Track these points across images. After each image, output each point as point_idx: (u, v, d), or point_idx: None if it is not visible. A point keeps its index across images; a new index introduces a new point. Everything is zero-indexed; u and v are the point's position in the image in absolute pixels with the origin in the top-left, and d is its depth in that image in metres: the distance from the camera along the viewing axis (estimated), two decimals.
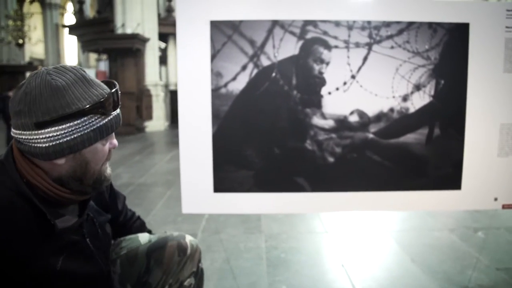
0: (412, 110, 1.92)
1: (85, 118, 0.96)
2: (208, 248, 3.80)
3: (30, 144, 0.96)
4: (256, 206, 1.96)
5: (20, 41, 21.56)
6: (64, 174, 1.01)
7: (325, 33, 1.87)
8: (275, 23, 1.86)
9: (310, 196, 1.95)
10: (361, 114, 1.91)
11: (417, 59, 1.91)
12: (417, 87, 1.92)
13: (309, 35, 1.87)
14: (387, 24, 1.89)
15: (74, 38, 19.28)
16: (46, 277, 0.99)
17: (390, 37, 1.89)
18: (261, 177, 1.94)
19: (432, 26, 1.90)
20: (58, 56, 30.23)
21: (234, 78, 1.89)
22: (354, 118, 1.91)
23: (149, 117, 13.54)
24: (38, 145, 0.95)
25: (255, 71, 1.88)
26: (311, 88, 1.89)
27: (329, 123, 1.91)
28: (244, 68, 1.88)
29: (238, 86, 1.89)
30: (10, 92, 10.69)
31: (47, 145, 0.95)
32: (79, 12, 17.36)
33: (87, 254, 1.12)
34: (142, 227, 1.62)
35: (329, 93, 1.89)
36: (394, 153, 1.93)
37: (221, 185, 1.94)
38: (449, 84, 1.93)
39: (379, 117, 1.91)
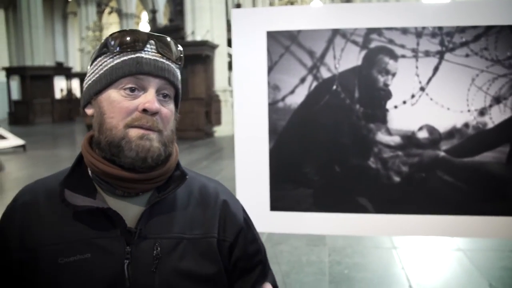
0: (490, 125, 1.72)
1: (99, 59, 0.90)
2: (269, 260, 3.73)
3: None
4: (314, 226, 1.85)
5: None
6: (94, 133, 0.89)
7: (390, 41, 1.73)
8: (335, 32, 1.75)
9: (373, 218, 1.80)
10: (431, 130, 1.74)
11: (497, 68, 1.70)
12: (497, 100, 1.71)
13: (373, 44, 1.74)
14: (462, 30, 1.71)
15: None
16: (43, 260, 0.84)
17: (465, 44, 1.71)
18: (321, 196, 1.82)
19: None
20: None
21: (292, 91, 1.79)
22: (423, 134, 1.74)
23: (218, 122, 13.76)
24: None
25: (315, 83, 1.77)
26: (375, 102, 1.75)
27: (395, 140, 1.76)
28: (302, 80, 1.78)
29: (296, 99, 1.79)
30: None
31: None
32: (152, 21, 18.11)
33: (113, 279, 0.84)
34: None
35: (395, 107, 1.74)
36: (468, 174, 1.74)
37: (278, 203, 1.85)
38: None
39: (452, 133, 1.73)
